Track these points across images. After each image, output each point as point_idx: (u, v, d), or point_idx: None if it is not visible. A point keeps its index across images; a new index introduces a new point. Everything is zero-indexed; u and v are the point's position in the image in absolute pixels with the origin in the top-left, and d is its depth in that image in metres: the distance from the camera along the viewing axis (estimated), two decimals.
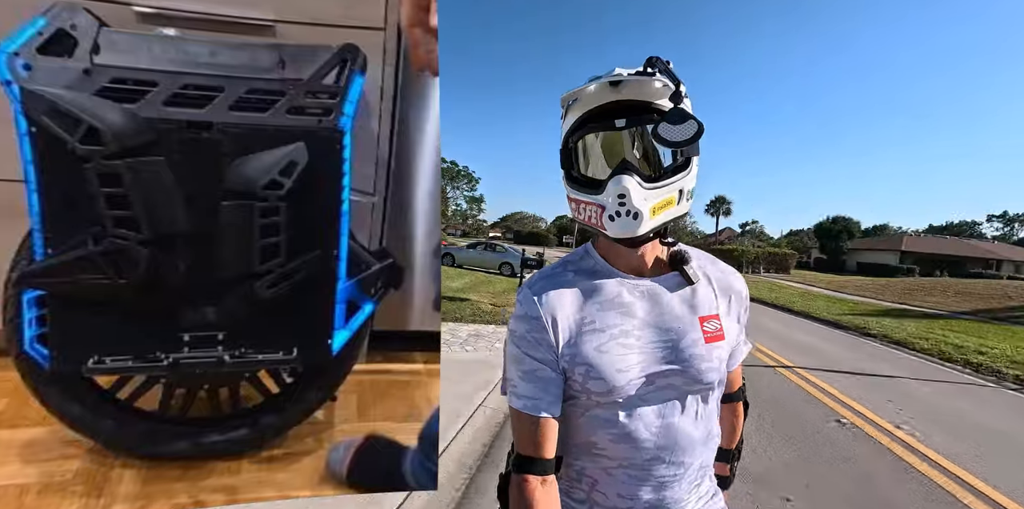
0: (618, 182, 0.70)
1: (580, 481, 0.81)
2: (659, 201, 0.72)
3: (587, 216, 0.75)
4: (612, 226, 0.71)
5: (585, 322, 0.77)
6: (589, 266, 0.82)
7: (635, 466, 0.77)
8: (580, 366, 0.75)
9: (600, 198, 0.72)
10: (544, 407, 0.76)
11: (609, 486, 0.79)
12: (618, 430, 0.76)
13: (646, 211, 0.71)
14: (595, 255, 0.83)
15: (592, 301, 0.78)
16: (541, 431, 0.76)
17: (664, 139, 0.68)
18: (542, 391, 0.76)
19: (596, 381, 0.75)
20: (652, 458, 0.76)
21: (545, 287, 0.79)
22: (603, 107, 0.73)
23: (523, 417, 0.76)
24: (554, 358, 0.77)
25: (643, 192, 0.71)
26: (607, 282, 0.80)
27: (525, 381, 0.77)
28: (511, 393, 0.78)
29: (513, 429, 0.79)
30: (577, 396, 0.78)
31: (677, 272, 0.81)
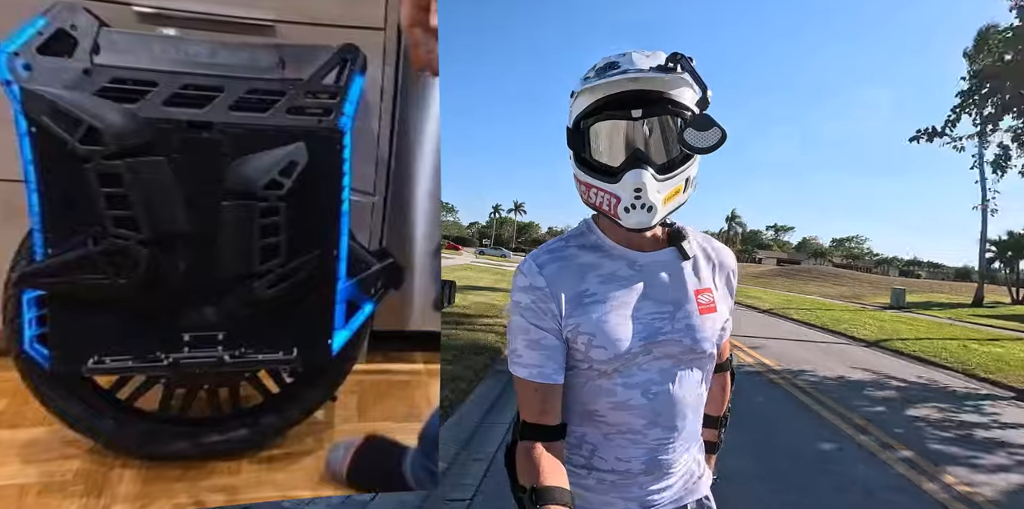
0: (636, 176, 0.73)
1: (580, 447, 0.85)
2: (669, 191, 0.76)
3: (599, 201, 0.78)
4: (627, 217, 0.75)
5: (587, 293, 0.79)
6: (591, 241, 0.85)
7: (632, 431, 0.81)
8: (583, 335, 0.78)
9: (615, 188, 0.75)
10: (549, 374, 0.79)
11: (608, 450, 0.83)
12: (617, 398, 0.80)
13: (659, 203, 0.74)
14: (596, 231, 0.86)
15: (594, 274, 0.81)
16: (547, 398, 0.79)
17: (690, 145, 0.71)
18: (547, 359, 0.79)
19: (598, 349, 0.78)
20: (648, 423, 0.81)
21: (548, 260, 0.82)
22: (621, 95, 0.74)
23: (528, 385, 0.79)
24: (558, 327, 0.79)
25: (656, 184, 0.74)
26: (608, 256, 0.83)
27: (531, 349, 0.79)
28: (515, 363, 0.81)
29: (518, 398, 0.82)
30: (578, 366, 0.81)
31: (674, 247, 0.84)
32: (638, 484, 0.84)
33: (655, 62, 0.75)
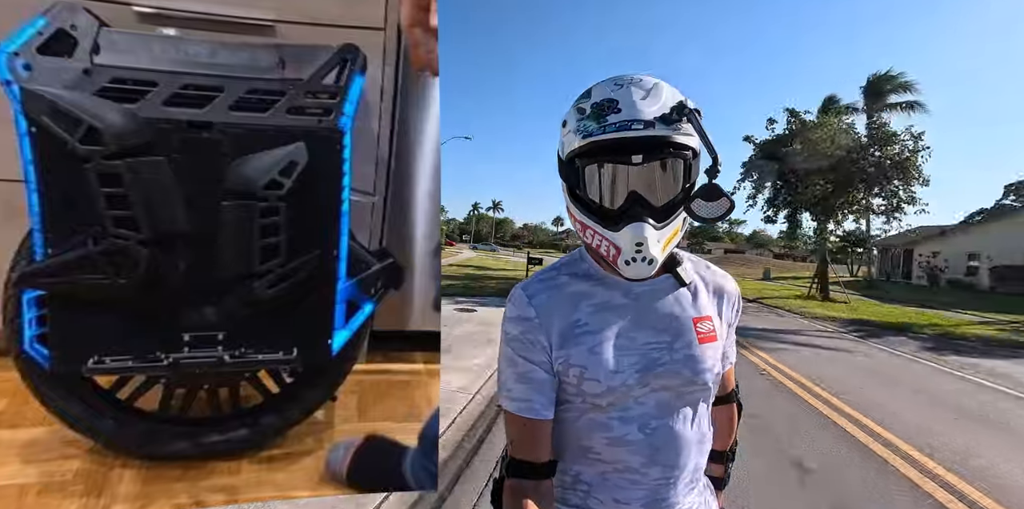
0: (637, 230, 0.69)
1: (575, 488, 0.81)
2: (667, 237, 0.73)
3: (597, 245, 0.74)
4: (627, 269, 0.71)
5: (579, 324, 0.76)
6: (583, 270, 0.82)
7: (630, 470, 0.77)
8: (574, 367, 0.75)
9: (615, 237, 0.71)
10: (538, 409, 0.76)
11: (604, 491, 0.78)
12: (613, 433, 0.76)
13: (659, 254, 0.71)
14: (589, 260, 0.83)
15: (586, 303, 0.78)
16: (535, 434, 0.76)
17: (697, 216, 0.69)
18: (536, 392, 0.76)
19: (590, 382, 0.74)
20: (647, 461, 0.76)
21: (539, 289, 0.79)
22: (621, 141, 0.70)
23: (517, 420, 0.76)
24: (547, 360, 0.76)
25: (656, 234, 0.71)
26: (601, 285, 0.80)
27: (519, 383, 0.77)
28: (504, 396, 0.78)
29: (507, 432, 0.79)
30: (571, 400, 0.78)
31: (670, 275, 0.81)
32: None
33: (656, 105, 0.70)
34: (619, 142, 0.69)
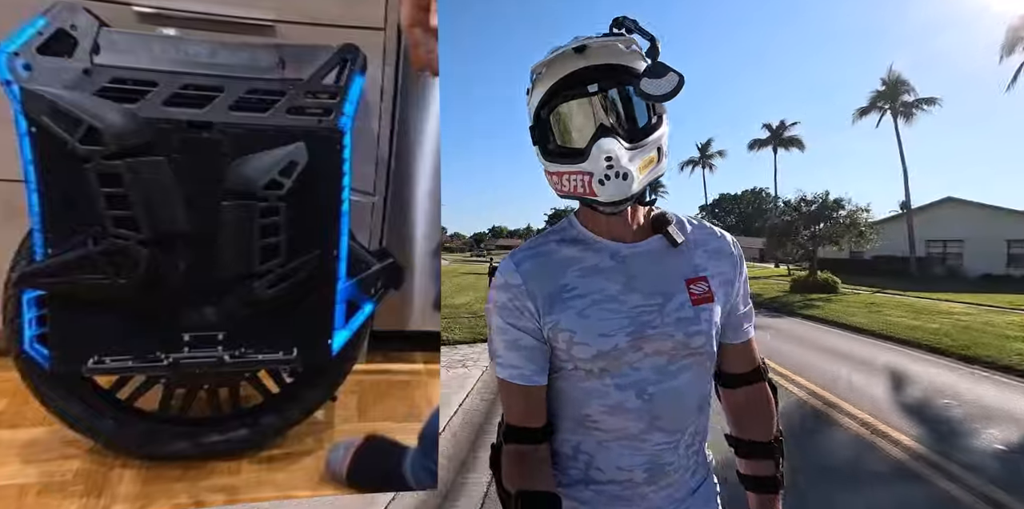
0: (604, 145, 0.69)
1: (576, 458, 0.80)
2: (643, 161, 0.71)
3: (573, 186, 0.73)
4: (604, 190, 0.69)
5: (566, 289, 0.75)
6: (571, 235, 0.81)
7: (630, 437, 0.76)
8: (563, 332, 0.74)
9: (585, 165, 0.70)
10: (529, 376, 0.76)
11: (606, 460, 0.78)
12: (610, 400, 0.75)
13: (635, 170, 0.69)
14: (577, 225, 0.81)
15: (574, 268, 0.77)
16: (529, 400, 0.77)
17: (648, 94, 0.68)
18: (527, 360, 0.76)
19: (580, 346, 0.74)
20: (647, 427, 0.75)
21: (526, 257, 0.78)
22: (572, 75, 0.71)
23: (510, 387, 0.77)
24: (536, 326, 0.76)
25: (627, 153, 0.70)
26: (590, 249, 0.78)
27: (510, 350, 0.77)
28: (497, 364, 0.78)
29: (502, 400, 0.80)
30: (564, 366, 0.77)
31: (661, 235, 0.79)
32: (640, 495, 0.78)
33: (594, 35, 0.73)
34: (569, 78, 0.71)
